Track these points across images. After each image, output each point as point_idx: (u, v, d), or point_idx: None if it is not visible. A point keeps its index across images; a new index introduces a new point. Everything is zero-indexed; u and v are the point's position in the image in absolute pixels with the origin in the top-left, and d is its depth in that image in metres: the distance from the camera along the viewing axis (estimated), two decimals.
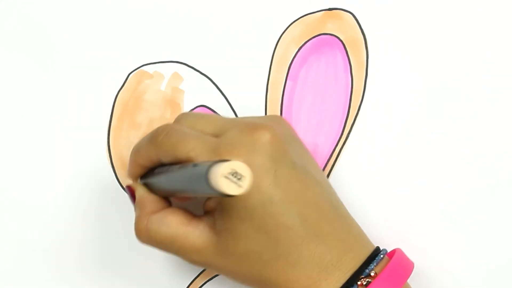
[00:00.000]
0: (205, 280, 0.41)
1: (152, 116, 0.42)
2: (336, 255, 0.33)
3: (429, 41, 0.41)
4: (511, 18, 0.41)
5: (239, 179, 0.26)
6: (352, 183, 0.41)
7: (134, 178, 0.37)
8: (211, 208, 0.35)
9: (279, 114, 0.42)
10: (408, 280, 0.34)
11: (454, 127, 0.41)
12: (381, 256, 0.34)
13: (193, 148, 0.33)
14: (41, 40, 0.43)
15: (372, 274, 0.33)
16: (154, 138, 0.34)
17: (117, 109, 0.42)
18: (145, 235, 0.35)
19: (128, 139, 0.42)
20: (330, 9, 0.42)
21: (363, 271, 0.33)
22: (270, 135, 0.33)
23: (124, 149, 0.42)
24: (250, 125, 0.33)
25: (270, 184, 0.32)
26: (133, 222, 0.42)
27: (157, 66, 0.42)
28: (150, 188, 0.37)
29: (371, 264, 0.33)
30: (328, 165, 0.41)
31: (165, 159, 0.34)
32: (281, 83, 0.42)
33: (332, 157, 0.41)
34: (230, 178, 0.26)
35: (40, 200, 0.42)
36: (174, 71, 0.42)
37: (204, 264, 0.35)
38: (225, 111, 0.42)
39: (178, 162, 0.33)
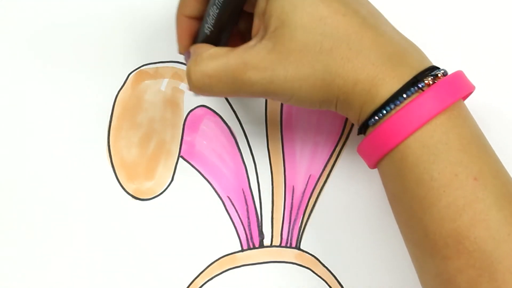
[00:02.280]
0: (205, 280, 0.41)
1: (152, 116, 0.42)
2: (399, 50, 0.32)
3: (429, 41, 0.41)
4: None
5: None
6: (352, 183, 0.41)
7: (187, 43, 0.37)
8: (257, 27, 0.34)
9: (279, 114, 0.42)
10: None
11: None
12: (444, 70, 0.33)
13: None
14: (41, 40, 0.43)
15: (439, 75, 0.32)
16: None
17: (117, 109, 0.42)
18: (196, 75, 0.33)
19: (128, 139, 0.42)
20: None
21: (429, 74, 0.32)
22: None
23: (124, 149, 0.42)
24: None
25: None
26: (133, 222, 0.42)
27: (157, 66, 0.42)
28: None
29: (438, 70, 0.32)
30: (328, 165, 0.41)
31: None
32: None
33: (332, 157, 0.42)
34: None
35: (40, 200, 0.42)
36: (174, 71, 0.42)
37: (264, 84, 0.33)
38: (225, 111, 0.42)
39: None
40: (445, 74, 0.33)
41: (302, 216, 0.41)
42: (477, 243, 0.30)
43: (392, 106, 0.31)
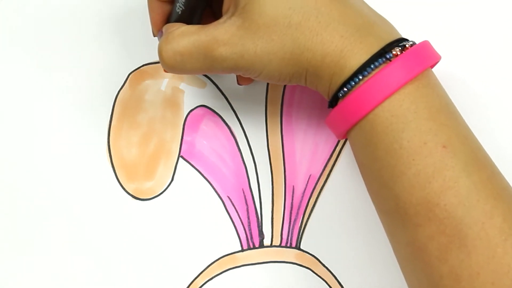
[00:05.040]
0: (205, 280, 0.41)
1: (152, 116, 0.42)
2: (367, 22, 0.33)
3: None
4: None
5: None
6: (352, 183, 0.41)
7: (161, 25, 0.37)
8: (228, 5, 0.35)
9: (279, 114, 0.42)
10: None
11: None
12: (412, 41, 0.33)
13: None
14: (41, 40, 0.43)
15: (407, 46, 0.32)
16: None
17: (117, 109, 0.42)
18: (167, 53, 0.34)
19: (128, 139, 0.42)
20: None
21: (397, 45, 0.32)
22: None
23: (124, 149, 0.42)
24: None
25: None
26: (133, 222, 0.42)
27: (157, 66, 0.42)
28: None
29: (405, 41, 0.33)
30: (328, 165, 0.41)
31: None
32: None
33: (332, 157, 0.42)
34: None
35: (40, 199, 0.42)
36: None
37: (235, 59, 0.33)
38: (225, 111, 0.42)
39: None
40: (413, 45, 0.33)
41: (302, 216, 0.41)
42: (447, 210, 0.30)
43: (360, 77, 0.32)
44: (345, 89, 0.32)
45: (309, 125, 0.42)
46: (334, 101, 0.33)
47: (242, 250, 0.41)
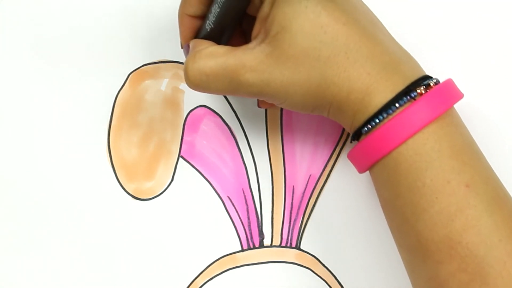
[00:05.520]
0: (205, 280, 0.41)
1: (152, 116, 0.42)
2: (394, 59, 0.33)
3: (429, 40, 0.41)
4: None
5: None
6: (352, 183, 0.41)
7: (189, 39, 0.37)
8: (258, 30, 0.34)
9: (279, 114, 0.42)
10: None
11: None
12: (436, 79, 0.33)
13: None
14: (41, 40, 0.43)
15: (431, 84, 0.33)
16: None
17: (117, 109, 0.42)
18: (193, 72, 0.34)
19: (128, 139, 0.42)
20: None
21: (421, 83, 0.33)
22: None
23: (124, 149, 0.42)
24: None
25: None
26: (133, 222, 0.42)
27: (157, 66, 0.42)
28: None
29: (430, 79, 0.33)
30: (328, 165, 0.41)
31: None
32: None
33: (332, 157, 0.42)
34: None
35: (40, 199, 0.42)
36: (174, 71, 0.42)
37: (261, 85, 0.33)
38: (225, 111, 0.42)
39: None
40: (437, 83, 0.33)
41: (302, 216, 0.41)
42: (469, 248, 0.30)
43: (385, 115, 0.32)
44: (369, 126, 0.33)
45: (309, 125, 0.42)
46: (356, 135, 0.34)
47: (242, 250, 0.41)
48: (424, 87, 0.32)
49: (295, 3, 0.32)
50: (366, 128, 0.33)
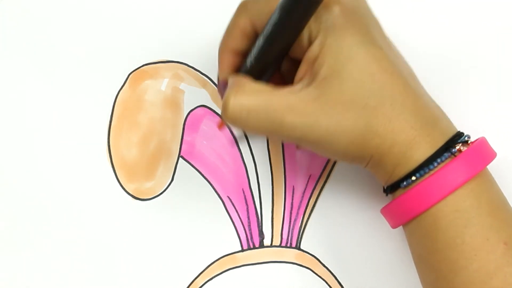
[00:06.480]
0: (205, 280, 0.41)
1: (152, 116, 0.42)
2: (433, 114, 0.33)
3: (429, 40, 0.41)
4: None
5: None
6: (352, 183, 0.41)
7: (227, 73, 0.36)
8: (304, 71, 0.33)
9: None
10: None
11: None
12: (467, 135, 0.33)
13: None
14: (42, 40, 0.43)
15: (469, 142, 0.33)
16: (243, 4, 0.34)
17: (117, 109, 0.42)
18: (234, 107, 0.32)
19: (128, 139, 0.42)
20: None
21: (458, 140, 0.33)
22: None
23: (124, 149, 0.42)
24: None
25: (368, 28, 0.32)
26: (133, 222, 0.42)
27: (157, 66, 0.42)
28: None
29: (464, 136, 0.33)
30: (328, 165, 0.41)
31: (259, 18, 0.33)
32: None
33: None
34: None
35: (40, 199, 0.42)
36: (174, 71, 0.42)
37: (304, 129, 0.32)
38: None
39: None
40: (469, 139, 0.33)
41: (302, 216, 0.41)
42: None
43: (426, 170, 0.32)
44: (409, 180, 0.32)
45: None
46: (393, 188, 0.34)
47: (242, 250, 0.41)
48: (462, 143, 0.32)
49: (346, 48, 0.31)
50: (405, 183, 0.33)
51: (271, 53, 0.34)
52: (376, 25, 0.34)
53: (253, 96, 0.32)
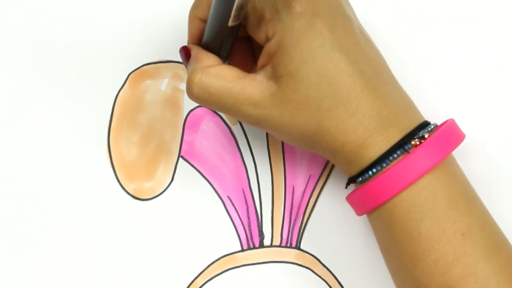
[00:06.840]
0: (205, 280, 0.41)
1: (152, 116, 0.42)
2: (391, 112, 0.33)
3: (429, 41, 0.41)
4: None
5: None
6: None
7: (196, 39, 0.37)
8: (265, 62, 0.34)
9: None
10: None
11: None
12: (433, 125, 0.34)
13: None
14: (41, 40, 0.43)
15: (426, 136, 0.33)
16: None
17: (117, 109, 0.42)
18: (198, 87, 0.34)
19: (128, 139, 0.42)
20: None
21: (416, 133, 0.33)
22: None
23: (124, 149, 0.42)
24: None
25: (330, 30, 0.32)
26: (133, 222, 0.42)
27: (157, 66, 0.42)
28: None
29: (426, 128, 0.33)
30: (328, 165, 0.41)
31: None
32: None
33: None
34: None
35: (40, 199, 0.42)
36: (174, 71, 0.42)
37: (259, 118, 0.34)
38: None
39: None
40: (435, 127, 0.34)
41: (302, 216, 0.41)
42: None
43: (378, 168, 0.33)
44: (363, 177, 0.33)
45: None
46: (350, 181, 0.35)
47: (242, 250, 0.41)
48: (419, 138, 0.33)
49: (304, 51, 0.32)
50: (361, 179, 0.34)
51: (217, 24, 0.34)
52: (345, 23, 0.34)
53: (217, 80, 0.34)
